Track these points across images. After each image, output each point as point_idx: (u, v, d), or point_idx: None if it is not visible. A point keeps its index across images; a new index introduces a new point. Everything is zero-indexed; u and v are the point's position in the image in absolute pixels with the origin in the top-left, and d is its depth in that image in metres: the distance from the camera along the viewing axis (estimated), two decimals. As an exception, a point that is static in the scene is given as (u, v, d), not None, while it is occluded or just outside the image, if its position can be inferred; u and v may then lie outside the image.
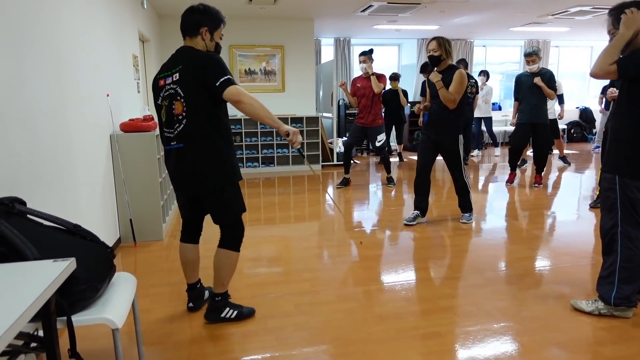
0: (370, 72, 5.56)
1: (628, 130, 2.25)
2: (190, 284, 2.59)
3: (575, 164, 7.56)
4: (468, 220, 4.26)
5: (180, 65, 2.23)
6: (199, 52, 2.25)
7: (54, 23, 2.61)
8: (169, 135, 2.30)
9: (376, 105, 5.67)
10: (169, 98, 2.26)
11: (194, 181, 2.27)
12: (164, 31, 6.80)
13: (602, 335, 2.27)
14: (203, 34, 2.30)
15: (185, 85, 2.19)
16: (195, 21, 2.30)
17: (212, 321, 2.46)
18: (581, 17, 7.33)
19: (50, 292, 1.15)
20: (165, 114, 2.30)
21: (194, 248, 2.55)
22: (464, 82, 3.86)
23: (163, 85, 2.30)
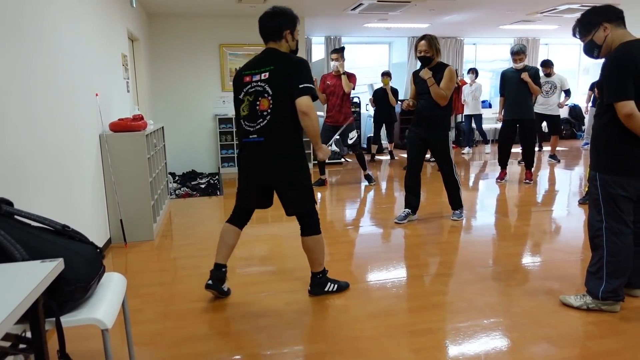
0: (342, 71, 5.53)
1: (604, 129, 2.32)
2: (218, 263, 2.66)
3: (565, 160, 7.63)
4: (459, 217, 4.29)
5: (272, 66, 2.42)
6: (289, 55, 2.48)
7: (41, 22, 2.58)
8: (248, 129, 2.47)
9: (346, 103, 5.63)
10: (255, 94, 2.44)
11: (275, 173, 2.46)
12: (153, 30, 6.76)
13: (591, 329, 2.30)
14: (286, 36, 2.50)
15: (275, 84, 2.39)
16: (278, 26, 2.49)
17: (317, 295, 2.72)
18: (570, 15, 7.40)
19: (37, 293, 1.14)
20: (247, 109, 2.47)
21: (237, 233, 2.68)
22: (454, 78, 3.90)
23: (249, 81, 2.48)
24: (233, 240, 2.67)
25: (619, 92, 2.17)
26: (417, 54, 3.97)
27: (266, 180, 2.53)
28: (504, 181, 5.93)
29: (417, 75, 4.02)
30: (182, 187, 5.95)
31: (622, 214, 2.32)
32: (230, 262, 3.32)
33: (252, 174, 2.54)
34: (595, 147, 2.40)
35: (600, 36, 2.31)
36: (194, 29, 6.88)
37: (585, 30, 2.36)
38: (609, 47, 2.30)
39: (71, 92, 3.03)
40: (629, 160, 2.27)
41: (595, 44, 2.34)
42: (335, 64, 5.58)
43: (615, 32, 2.28)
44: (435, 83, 3.88)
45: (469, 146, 8.89)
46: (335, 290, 2.76)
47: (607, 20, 2.29)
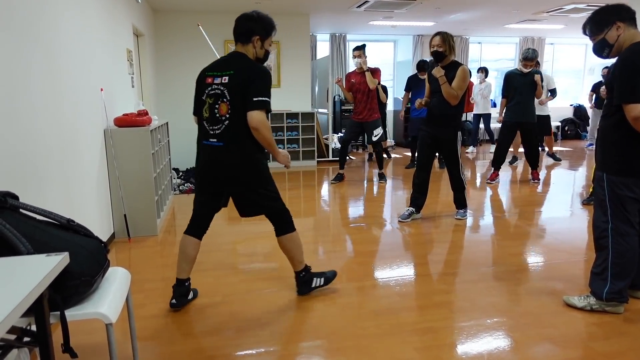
0: (365, 68, 5.54)
1: (612, 130, 2.31)
2: (180, 279, 2.58)
3: (569, 161, 7.60)
4: (462, 216, 4.28)
5: (232, 71, 2.37)
6: (252, 63, 2.41)
7: (46, 17, 2.59)
8: (210, 132, 2.43)
9: (372, 100, 5.66)
10: (215, 97, 2.39)
11: (236, 178, 2.42)
12: (158, 26, 6.76)
13: (594, 330, 2.29)
14: (254, 42, 2.44)
15: (233, 90, 2.33)
16: (249, 29, 2.42)
17: (305, 294, 2.70)
18: (576, 15, 7.36)
19: (43, 287, 1.14)
20: (208, 111, 2.42)
21: (196, 243, 2.59)
22: (467, 78, 3.86)
23: (210, 83, 2.42)
24: (193, 253, 2.57)
25: (629, 93, 2.15)
26: (430, 49, 3.94)
27: (224, 187, 2.47)
28: (495, 182, 5.88)
29: (431, 73, 4.00)
30: (185, 182, 5.96)
31: (628, 215, 2.31)
32: (232, 259, 3.33)
33: (210, 180, 2.46)
34: (602, 148, 2.38)
35: (613, 35, 2.28)
36: (199, 24, 6.87)
37: (597, 29, 2.32)
38: (620, 47, 2.28)
39: (76, 87, 3.03)
40: (637, 161, 2.25)
41: (607, 43, 2.31)
42: (358, 61, 5.59)
43: (628, 32, 2.26)
44: (447, 82, 3.85)
45: (473, 145, 8.86)
46: (323, 284, 2.74)
47: (621, 20, 2.26)
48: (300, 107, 7.57)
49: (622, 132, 2.26)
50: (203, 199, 2.56)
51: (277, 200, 2.55)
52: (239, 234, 3.92)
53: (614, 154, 2.31)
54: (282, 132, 7.35)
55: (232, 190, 2.49)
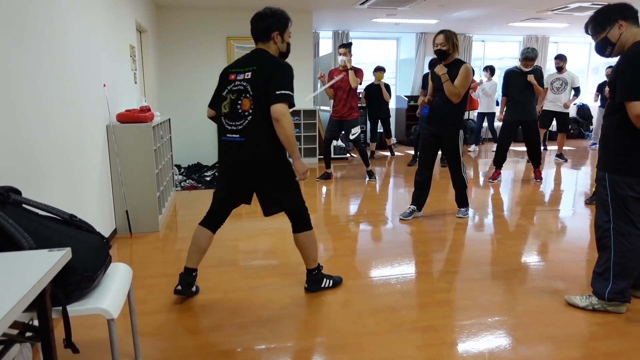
0: (349, 66, 5.51)
1: (615, 129, 2.30)
2: (188, 267, 2.62)
3: (572, 160, 7.58)
4: (464, 214, 4.27)
5: (255, 66, 2.38)
6: (274, 58, 2.42)
7: (50, 13, 2.58)
8: (228, 127, 2.43)
9: (352, 98, 5.63)
10: (237, 93, 2.40)
11: (257, 174, 2.42)
12: (161, 22, 6.75)
13: (596, 330, 2.29)
14: (274, 38, 2.46)
15: (256, 85, 2.35)
16: (266, 27, 2.44)
17: (315, 291, 2.72)
18: (580, 13, 7.32)
19: (45, 282, 1.15)
20: (229, 106, 2.43)
21: (210, 236, 2.62)
22: (470, 76, 3.84)
23: (233, 79, 2.44)
24: (206, 244, 2.60)
25: (632, 91, 2.14)
26: (434, 47, 3.93)
27: (247, 182, 2.47)
28: (497, 181, 5.87)
29: (434, 71, 3.99)
30: (187, 179, 5.97)
31: (630, 215, 2.30)
32: (234, 256, 3.33)
33: (232, 175, 2.48)
34: (605, 147, 2.37)
35: (615, 34, 2.28)
36: (202, 21, 6.87)
37: (600, 27, 2.32)
38: (623, 45, 2.27)
39: (79, 82, 3.03)
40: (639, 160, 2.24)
41: (609, 42, 2.31)
42: (342, 59, 5.56)
43: (630, 31, 2.25)
44: (449, 79, 3.84)
45: (475, 144, 8.84)
46: (330, 285, 2.76)
47: (623, 18, 2.25)
48: (302, 105, 7.55)
49: (624, 131, 2.25)
50: (223, 194, 2.58)
51: (298, 198, 2.55)
52: (241, 231, 3.92)
53: (616, 153, 2.30)
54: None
55: (254, 186, 2.49)
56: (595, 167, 2.48)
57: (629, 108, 2.17)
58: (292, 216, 2.59)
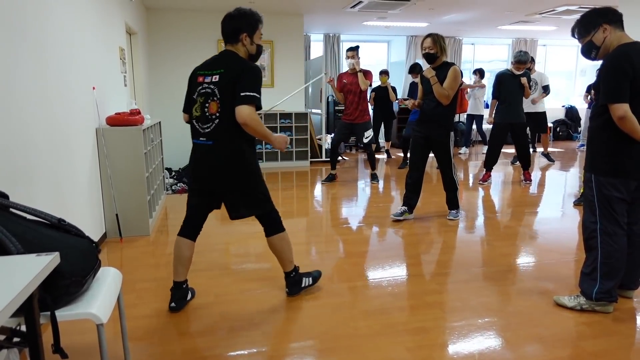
0: (358, 69, 5.54)
1: (600, 131, 2.34)
2: (177, 282, 2.57)
3: (561, 161, 7.66)
4: (455, 217, 4.30)
5: (222, 69, 2.35)
6: (242, 61, 2.38)
7: (38, 14, 2.57)
8: (199, 130, 2.41)
9: (363, 101, 5.66)
10: (205, 96, 2.37)
11: (225, 178, 2.40)
12: (152, 24, 6.72)
13: (584, 330, 2.32)
14: (243, 39, 2.41)
15: (223, 88, 2.32)
16: (234, 28, 2.40)
17: (296, 294, 2.71)
18: (568, 17, 7.42)
19: (33, 287, 1.14)
20: (199, 110, 2.40)
21: (190, 245, 2.57)
22: (458, 78, 3.88)
23: (201, 82, 2.40)
24: (188, 254, 2.56)
25: (614, 94, 2.19)
26: (422, 51, 3.97)
27: (215, 185, 2.44)
28: (487, 183, 5.92)
29: (423, 74, 4.03)
30: (178, 182, 5.94)
31: (616, 216, 2.34)
32: (225, 259, 3.32)
33: (200, 178, 2.46)
34: (591, 149, 2.41)
35: (600, 37, 2.32)
36: (193, 23, 6.86)
37: (585, 31, 2.36)
38: (607, 48, 2.32)
39: (67, 85, 3.01)
40: (624, 161, 2.28)
41: (594, 45, 2.35)
42: (351, 62, 5.58)
43: (614, 34, 2.30)
44: (438, 82, 3.87)
45: (465, 146, 8.90)
46: (311, 283, 2.77)
47: (607, 22, 2.29)
48: (293, 108, 7.56)
49: (609, 132, 2.29)
50: (195, 200, 2.55)
51: (267, 202, 2.53)
52: (232, 235, 3.91)
53: (602, 154, 2.34)
54: (276, 132, 7.34)
55: (222, 190, 2.46)
56: (583, 168, 2.51)
57: (611, 110, 2.21)
58: (262, 220, 2.56)
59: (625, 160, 2.28)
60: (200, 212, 2.56)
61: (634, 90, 2.19)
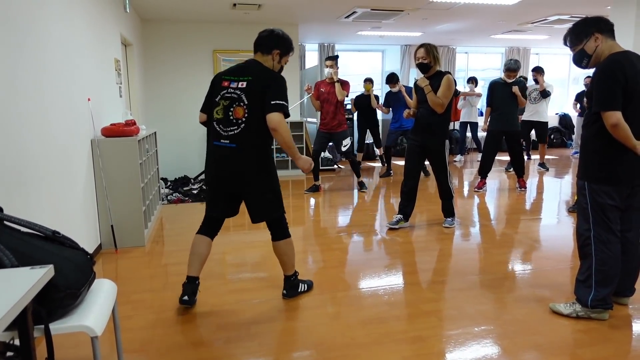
0: (335, 79, 5.54)
1: (593, 139, 2.37)
2: (191, 276, 2.65)
3: (555, 169, 7.71)
4: (450, 224, 4.31)
5: (250, 77, 2.49)
6: (269, 70, 2.54)
7: (34, 26, 2.57)
8: (221, 132, 2.51)
9: (340, 111, 5.65)
10: (230, 100, 2.49)
11: (244, 181, 2.50)
12: (147, 35, 6.75)
13: (580, 337, 2.32)
14: (274, 55, 2.59)
15: (251, 95, 2.45)
16: (272, 42, 2.58)
17: (292, 297, 2.79)
18: (559, 26, 7.51)
19: (27, 300, 1.13)
20: (222, 112, 2.51)
21: (209, 243, 2.69)
22: (452, 86, 3.92)
23: (226, 86, 2.53)
24: (205, 252, 2.66)
25: (607, 101, 2.22)
26: (415, 61, 4.01)
27: (235, 188, 2.56)
28: (482, 191, 5.95)
29: (417, 84, 4.06)
30: (174, 192, 5.92)
31: (610, 223, 2.35)
32: (221, 269, 3.31)
33: (221, 181, 2.56)
34: (584, 157, 2.44)
35: (591, 46, 2.35)
36: (188, 34, 6.89)
37: (577, 39, 2.40)
38: (599, 57, 2.35)
39: (63, 96, 3.01)
40: (617, 168, 2.30)
41: (586, 54, 2.38)
42: (329, 71, 5.59)
43: (606, 43, 2.33)
44: (432, 91, 3.91)
45: (461, 154, 8.94)
46: (306, 290, 2.86)
47: (599, 31, 2.33)
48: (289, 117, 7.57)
49: (602, 140, 2.32)
50: (214, 201, 2.65)
51: (281, 206, 2.65)
52: (228, 244, 3.90)
53: (595, 162, 2.36)
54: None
55: (242, 191, 2.56)
56: (576, 176, 2.53)
57: (604, 118, 2.23)
58: (272, 225, 2.65)
59: (618, 167, 2.30)
60: (219, 214, 2.67)
61: (626, 98, 2.22)
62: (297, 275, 2.83)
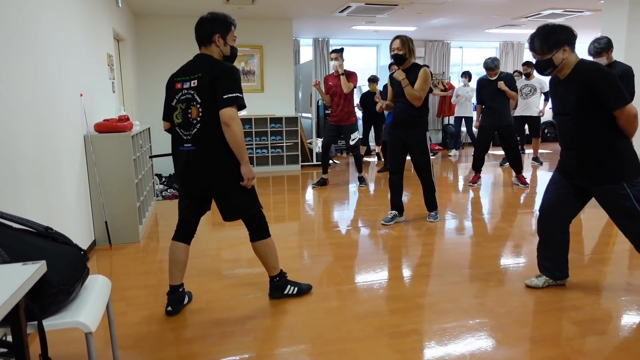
0: (341, 71, 5.54)
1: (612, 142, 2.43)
2: (173, 285, 2.58)
3: (549, 163, 7.75)
4: (434, 218, 4.32)
5: (200, 73, 2.35)
6: (218, 62, 2.38)
7: (24, 21, 2.55)
8: (182, 137, 2.42)
9: (349, 103, 5.67)
10: (186, 102, 2.38)
11: (210, 181, 2.40)
12: (140, 30, 6.70)
13: (573, 329, 2.34)
14: (216, 40, 2.42)
15: (203, 92, 2.32)
16: (207, 30, 2.41)
17: (277, 298, 2.70)
18: (553, 20, 7.52)
19: (18, 296, 1.12)
20: (181, 116, 2.41)
21: (185, 248, 2.59)
22: (429, 79, 3.91)
23: (180, 88, 2.41)
24: (184, 257, 2.58)
25: (624, 96, 2.33)
26: (390, 52, 4.00)
27: (202, 191, 2.45)
28: (477, 185, 5.97)
29: (393, 77, 4.04)
30: (168, 188, 5.90)
31: None
32: (216, 264, 3.31)
33: (186, 183, 2.47)
34: (604, 161, 2.45)
35: (559, 57, 2.42)
36: (181, 29, 6.84)
37: (547, 49, 2.43)
38: (562, 68, 2.45)
39: (54, 92, 2.99)
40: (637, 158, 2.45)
41: (552, 63, 2.45)
42: (334, 64, 5.59)
43: (571, 56, 2.44)
44: (409, 84, 3.90)
45: (455, 148, 8.96)
46: (295, 293, 2.73)
47: (568, 43, 2.41)
48: (283, 112, 7.57)
49: (619, 137, 2.41)
50: (186, 204, 2.56)
51: (254, 204, 2.53)
52: (223, 240, 3.90)
53: (622, 159, 2.43)
54: (266, 136, 7.34)
55: (210, 192, 2.47)
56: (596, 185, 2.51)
57: (627, 110, 2.32)
58: (249, 223, 2.56)
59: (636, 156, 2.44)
60: (192, 215, 2.58)
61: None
62: (284, 276, 2.73)
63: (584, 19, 7.45)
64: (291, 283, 2.75)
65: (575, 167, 2.56)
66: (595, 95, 2.35)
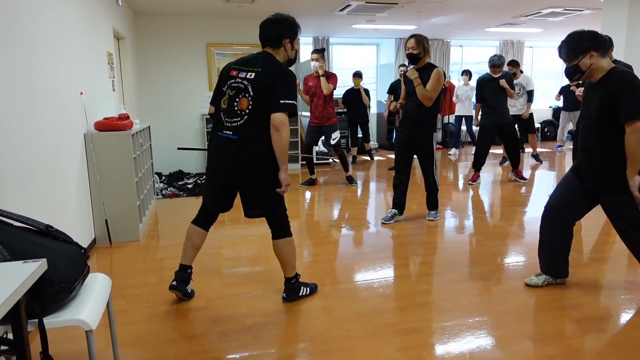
0: (321, 72, 5.49)
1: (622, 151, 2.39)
2: (183, 264, 2.63)
3: (548, 162, 7.75)
4: (434, 217, 4.33)
5: (260, 68, 2.39)
6: (280, 65, 2.43)
7: (23, 19, 2.55)
8: (226, 124, 2.43)
9: (329, 104, 5.63)
10: (236, 90, 2.41)
11: (244, 174, 2.43)
12: (140, 29, 6.69)
13: (573, 327, 2.34)
14: (285, 45, 2.48)
15: (258, 87, 2.35)
16: (277, 33, 2.45)
17: (293, 300, 2.68)
18: (553, 19, 7.52)
19: (19, 294, 1.13)
20: (227, 103, 2.43)
21: (203, 234, 2.65)
22: (441, 80, 3.91)
23: (235, 76, 2.44)
24: (199, 242, 2.63)
25: None
26: (405, 51, 4.00)
27: (233, 181, 2.46)
28: (476, 183, 5.98)
29: (406, 75, 4.05)
30: (168, 187, 5.91)
31: None
32: (216, 263, 3.31)
33: (219, 173, 2.48)
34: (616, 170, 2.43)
35: (586, 63, 2.41)
36: (182, 28, 6.83)
37: (573, 55, 2.43)
38: (591, 74, 2.42)
39: (55, 90, 2.99)
40: None
41: (580, 69, 2.44)
42: (315, 65, 5.55)
43: (600, 61, 2.39)
44: (421, 83, 3.90)
45: (455, 147, 8.96)
46: (308, 293, 2.74)
47: (595, 49, 2.38)
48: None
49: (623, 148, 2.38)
50: (212, 192, 2.58)
51: (281, 203, 2.54)
52: (224, 238, 3.90)
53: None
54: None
55: (240, 185, 2.48)
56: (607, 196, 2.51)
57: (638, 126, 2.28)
58: (272, 222, 2.57)
59: None
60: (215, 206, 2.61)
61: None
62: (299, 278, 2.72)
63: (584, 18, 7.45)
64: (303, 284, 2.74)
65: (590, 170, 2.54)
66: (618, 104, 2.34)
